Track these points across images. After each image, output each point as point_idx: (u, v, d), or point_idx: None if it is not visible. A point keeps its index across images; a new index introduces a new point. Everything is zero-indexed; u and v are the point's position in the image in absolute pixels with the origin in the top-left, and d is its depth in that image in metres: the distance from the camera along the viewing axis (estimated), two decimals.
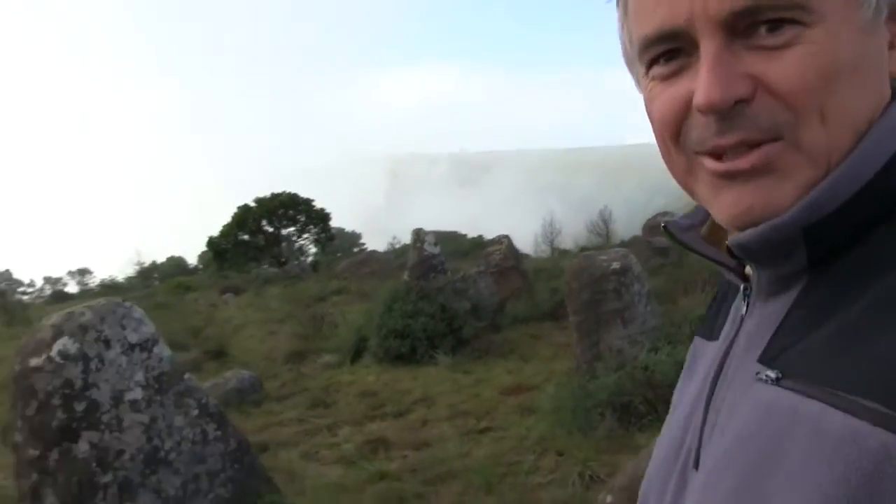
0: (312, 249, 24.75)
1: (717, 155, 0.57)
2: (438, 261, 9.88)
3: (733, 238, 0.59)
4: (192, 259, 34.79)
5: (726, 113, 0.55)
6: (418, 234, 10.01)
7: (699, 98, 0.55)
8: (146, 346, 3.50)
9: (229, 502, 3.62)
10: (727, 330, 0.69)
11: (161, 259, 34.89)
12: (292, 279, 19.30)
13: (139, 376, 3.44)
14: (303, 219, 23.44)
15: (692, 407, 0.68)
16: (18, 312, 16.56)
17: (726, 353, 0.65)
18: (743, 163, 0.56)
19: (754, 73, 0.54)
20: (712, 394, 0.64)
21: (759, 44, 0.54)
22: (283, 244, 23.25)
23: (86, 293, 30.00)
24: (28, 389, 3.20)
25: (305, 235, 23.94)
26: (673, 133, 0.60)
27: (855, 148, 0.54)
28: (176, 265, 33.34)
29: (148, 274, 30.89)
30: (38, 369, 3.21)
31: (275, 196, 23.07)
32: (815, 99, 0.53)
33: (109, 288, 27.29)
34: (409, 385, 7.70)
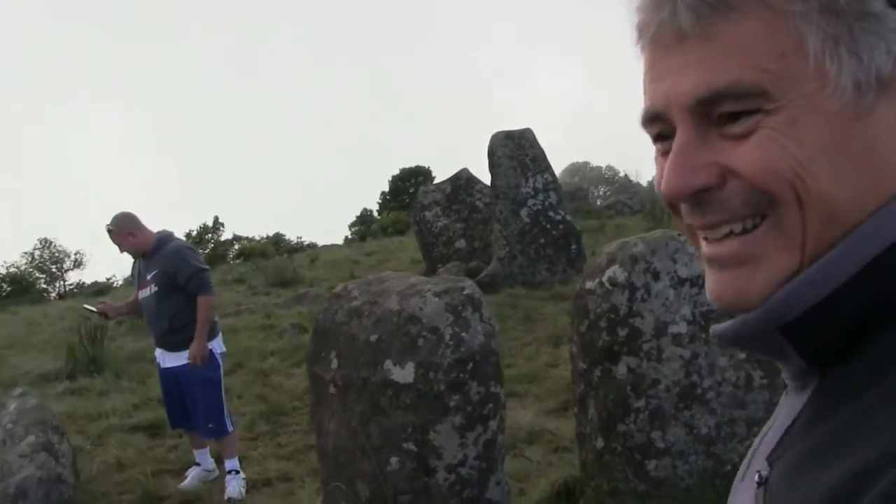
0: None
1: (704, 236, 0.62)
2: None
3: (713, 327, 0.64)
4: None
5: (693, 200, 0.59)
6: None
7: (661, 187, 0.60)
8: (696, 281, 3.67)
9: None
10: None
11: None
12: None
13: (685, 311, 3.65)
14: None
15: None
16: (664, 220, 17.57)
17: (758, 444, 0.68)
18: (720, 249, 0.59)
19: (720, 161, 0.56)
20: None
21: (726, 132, 0.56)
22: None
23: None
24: (582, 309, 3.76)
25: None
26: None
27: (840, 241, 0.54)
28: None
29: None
30: (591, 292, 3.73)
31: None
32: (783, 185, 0.54)
33: None
34: None
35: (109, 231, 4.94)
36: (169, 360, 4.99)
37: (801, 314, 0.54)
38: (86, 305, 5.34)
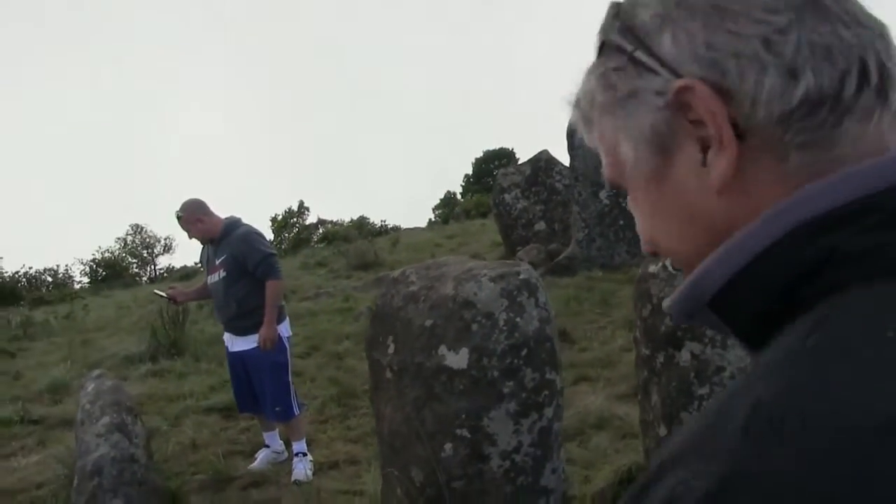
0: None
1: None
2: None
3: (664, 301, 0.91)
4: None
5: None
6: None
7: None
8: None
9: None
10: None
11: None
12: None
13: None
14: None
15: None
16: None
17: None
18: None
19: None
20: None
21: None
22: None
23: None
24: (645, 293, 3.64)
25: None
26: None
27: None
28: None
29: None
30: (653, 275, 3.60)
31: None
32: (651, 246, 0.70)
33: None
34: None
35: (179, 217, 5.06)
36: (237, 344, 5.09)
37: (717, 291, 0.58)
38: (156, 290, 5.50)
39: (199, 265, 5.51)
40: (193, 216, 5.04)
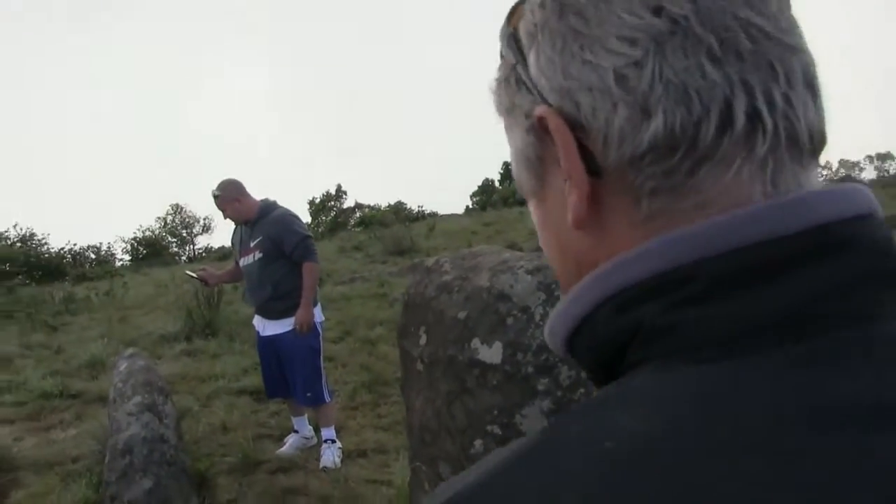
0: None
1: None
2: None
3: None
4: None
5: None
6: None
7: None
8: None
9: None
10: None
11: None
12: None
13: None
14: None
15: None
16: None
17: None
18: None
19: None
20: None
21: None
22: None
23: (883, 181, 27.76)
24: None
25: None
26: None
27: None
28: None
29: None
30: None
31: None
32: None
33: None
34: None
35: (215, 196, 5.03)
36: (269, 328, 5.06)
37: (566, 334, 0.55)
38: (188, 272, 5.49)
39: (232, 247, 5.49)
40: (231, 196, 5.00)
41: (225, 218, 5.15)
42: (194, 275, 5.27)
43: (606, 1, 0.50)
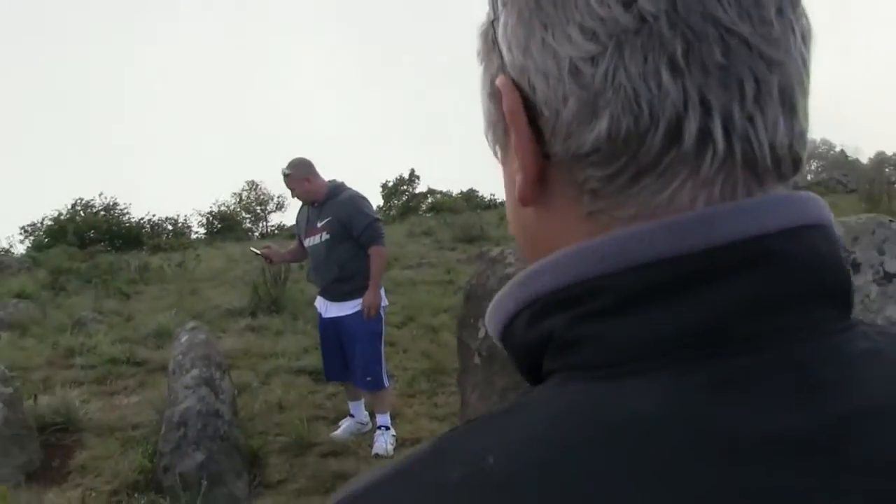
0: None
1: None
2: None
3: None
4: None
5: None
6: None
7: None
8: None
9: None
10: None
11: None
12: None
13: (891, 311, 3.12)
14: None
15: None
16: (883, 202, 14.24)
17: None
18: None
19: None
20: None
21: None
22: None
23: None
24: None
25: None
26: None
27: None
28: None
29: None
30: None
31: None
32: None
33: None
34: None
35: (286, 175, 5.00)
36: (332, 309, 5.02)
37: (501, 328, 0.52)
38: (252, 248, 5.49)
39: (296, 226, 5.47)
40: (301, 175, 4.97)
41: (293, 196, 5.11)
42: (259, 252, 5.26)
43: None
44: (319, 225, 4.97)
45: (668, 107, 0.44)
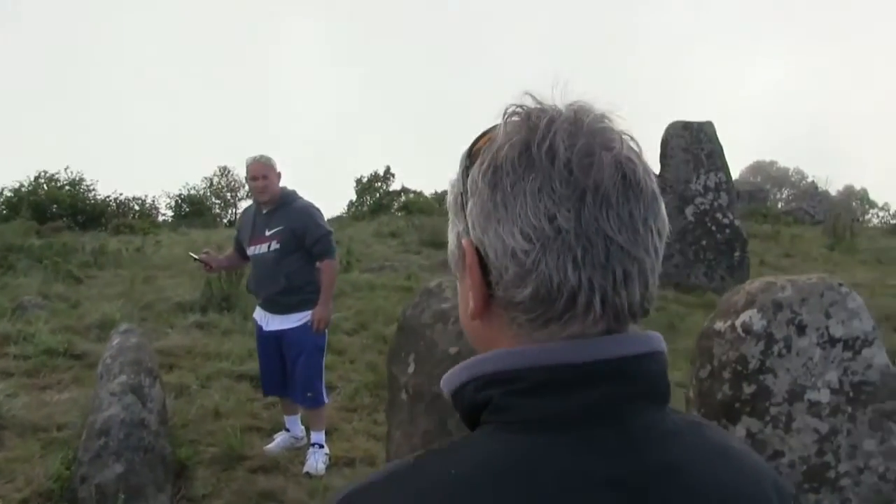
0: None
1: None
2: None
3: None
4: None
5: None
6: None
7: None
8: (852, 344, 3.04)
9: None
10: None
11: None
12: None
13: (831, 376, 3.03)
14: None
15: None
16: (846, 239, 14.74)
17: None
18: None
19: None
20: None
21: None
22: None
23: None
24: (706, 351, 3.20)
25: None
26: None
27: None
28: None
29: None
30: (719, 334, 3.16)
31: None
32: None
33: None
34: None
35: (262, 160, 4.74)
36: (274, 322, 4.86)
37: (452, 391, 0.79)
38: (191, 253, 5.30)
39: (238, 231, 5.26)
40: (263, 169, 4.75)
41: (254, 186, 4.79)
42: (197, 257, 5.07)
43: (523, 197, 0.70)
44: (268, 233, 4.80)
45: (568, 287, 0.70)
